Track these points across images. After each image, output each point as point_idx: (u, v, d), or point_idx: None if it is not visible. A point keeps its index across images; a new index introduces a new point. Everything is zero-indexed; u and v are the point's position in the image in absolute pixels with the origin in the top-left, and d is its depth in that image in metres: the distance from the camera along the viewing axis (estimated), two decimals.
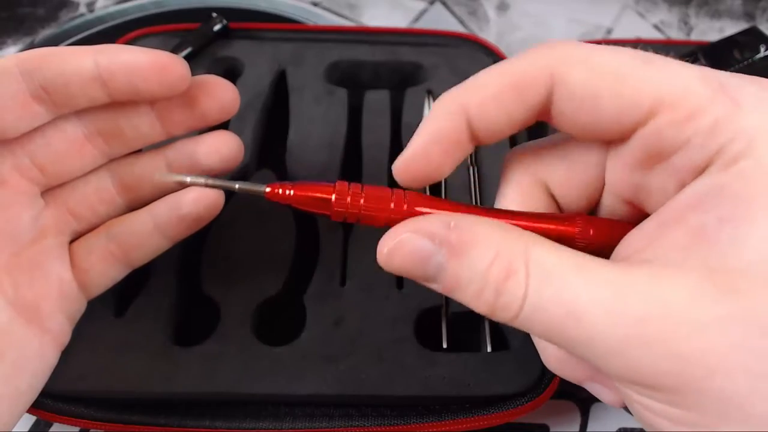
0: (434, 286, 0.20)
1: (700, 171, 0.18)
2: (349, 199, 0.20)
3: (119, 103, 0.26)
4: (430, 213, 0.20)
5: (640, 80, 0.19)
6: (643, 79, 0.19)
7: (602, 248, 0.21)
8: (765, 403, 0.16)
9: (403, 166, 0.21)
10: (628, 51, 0.20)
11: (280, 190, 0.21)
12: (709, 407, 0.16)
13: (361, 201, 0.20)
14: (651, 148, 0.19)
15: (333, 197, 0.20)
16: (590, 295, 0.17)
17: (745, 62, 0.40)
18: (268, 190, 0.21)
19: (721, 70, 0.19)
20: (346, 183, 0.21)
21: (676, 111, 0.18)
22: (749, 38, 0.41)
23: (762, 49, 0.41)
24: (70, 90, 0.25)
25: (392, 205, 0.20)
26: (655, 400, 0.17)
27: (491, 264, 0.18)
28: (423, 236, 0.19)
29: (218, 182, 0.22)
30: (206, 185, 0.23)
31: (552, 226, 0.21)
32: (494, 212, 0.21)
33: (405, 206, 0.20)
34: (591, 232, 0.21)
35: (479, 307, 0.19)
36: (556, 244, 0.19)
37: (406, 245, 0.19)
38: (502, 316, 0.19)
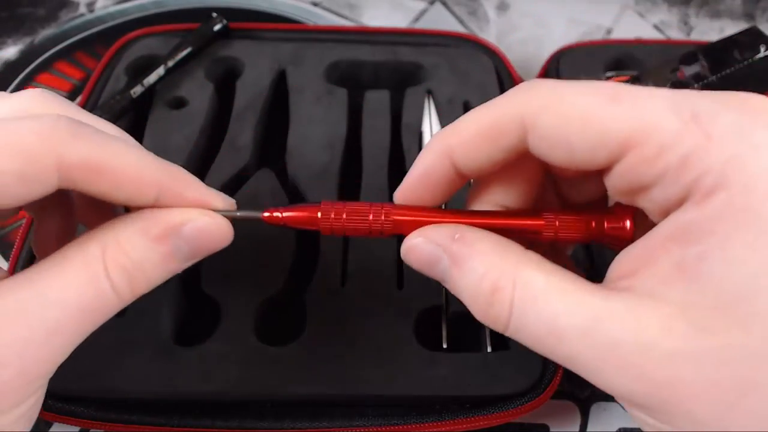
0: (446, 286, 0.22)
1: (680, 202, 0.18)
2: (333, 215, 0.22)
3: None
4: (411, 221, 0.22)
5: (607, 120, 0.19)
6: (610, 118, 0.19)
7: (571, 241, 0.24)
8: (734, 428, 0.17)
9: (402, 198, 0.23)
10: (596, 89, 0.20)
11: (276, 214, 0.23)
12: (684, 427, 0.17)
13: (344, 216, 0.22)
14: (629, 182, 0.20)
15: (319, 215, 0.22)
16: (569, 318, 0.18)
17: (745, 62, 0.40)
18: (266, 215, 0.23)
19: (698, 93, 0.19)
20: (330, 202, 0.23)
21: (645, 148, 0.18)
22: (749, 38, 0.41)
23: (762, 49, 0.41)
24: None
25: (371, 217, 0.22)
26: (646, 415, 0.18)
27: (482, 278, 0.20)
28: (431, 243, 0.21)
29: (226, 214, 0.23)
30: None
31: (519, 222, 0.22)
32: (463, 214, 0.22)
33: (382, 216, 0.22)
34: (557, 224, 0.22)
35: (476, 313, 0.21)
36: (549, 267, 0.20)
37: (417, 249, 0.22)
38: (495, 326, 0.20)
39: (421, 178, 0.23)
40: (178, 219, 0.22)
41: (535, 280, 0.19)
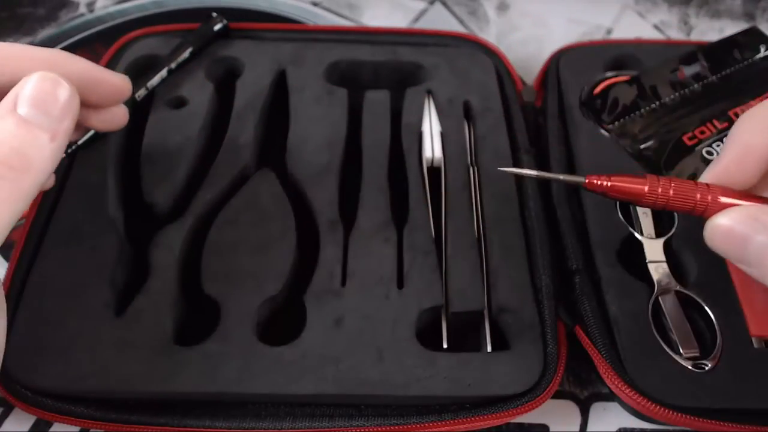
0: (751, 271, 0.21)
1: None
2: (660, 189, 0.23)
3: None
4: (735, 203, 0.22)
5: None
6: None
7: None
8: None
9: (716, 177, 0.23)
10: None
11: (597, 181, 0.24)
12: None
13: (670, 192, 0.23)
14: None
15: (646, 188, 0.23)
16: None
17: (745, 62, 0.40)
18: (586, 181, 0.24)
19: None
20: (656, 177, 0.23)
21: None
22: (749, 38, 0.41)
23: (762, 49, 0.41)
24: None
25: (698, 196, 0.23)
26: None
27: None
28: (746, 220, 0.21)
29: (544, 174, 0.26)
30: (536, 177, 0.27)
31: None
32: None
33: (709, 197, 0.22)
34: None
35: None
36: None
37: (725, 228, 0.21)
38: None
39: (743, 153, 0.23)
40: (19, 86, 0.24)
41: None
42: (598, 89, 0.41)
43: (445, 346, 0.31)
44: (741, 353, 0.31)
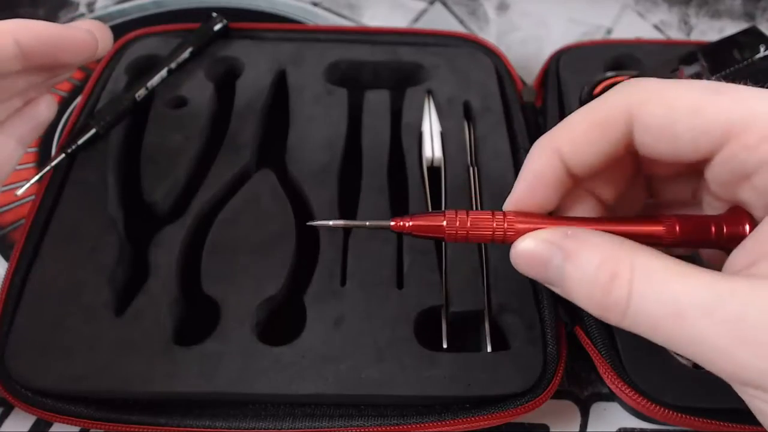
0: (555, 290, 0.22)
1: None
2: (458, 223, 0.23)
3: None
4: (531, 228, 0.23)
5: (710, 109, 0.20)
6: (714, 108, 0.20)
7: (690, 247, 0.24)
8: None
9: (514, 203, 0.24)
10: (698, 83, 0.21)
11: (401, 223, 0.24)
12: None
13: (468, 225, 0.23)
14: (731, 170, 0.21)
15: (444, 223, 0.24)
16: (690, 297, 0.18)
17: (745, 62, 0.40)
18: (392, 224, 0.24)
19: None
20: (454, 211, 0.24)
21: (747, 135, 0.20)
22: (749, 38, 0.41)
23: (762, 49, 0.41)
24: None
25: (494, 225, 0.23)
26: None
27: (598, 267, 0.20)
28: (543, 243, 0.22)
29: (350, 223, 0.27)
30: (343, 227, 0.28)
31: (639, 228, 0.23)
32: (580, 221, 0.23)
33: (505, 224, 0.23)
34: (677, 229, 0.22)
35: (591, 308, 0.21)
36: (662, 254, 0.20)
37: (528, 250, 0.22)
38: (611, 316, 0.20)
39: (533, 181, 0.23)
40: None
41: (654, 264, 0.20)
42: (598, 89, 0.41)
43: (445, 346, 0.31)
44: None
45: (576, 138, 0.23)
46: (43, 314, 0.31)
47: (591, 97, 0.39)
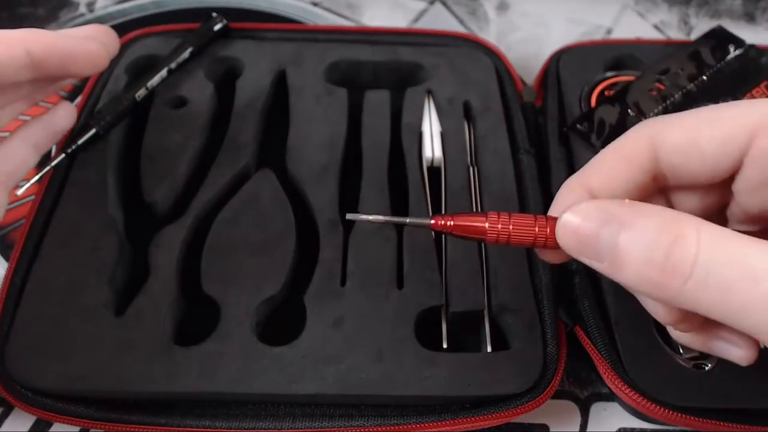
0: (599, 267, 0.21)
1: None
2: (500, 226, 0.24)
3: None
4: None
5: (728, 119, 0.21)
6: (731, 117, 0.21)
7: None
8: None
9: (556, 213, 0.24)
10: (709, 107, 0.22)
11: (442, 222, 0.24)
12: None
13: (510, 227, 0.23)
14: (762, 169, 0.21)
15: (486, 225, 0.24)
16: (765, 257, 0.18)
17: (719, 65, 0.40)
18: (432, 222, 0.24)
19: None
20: (496, 213, 0.24)
21: None
22: (716, 40, 0.41)
23: (731, 48, 0.40)
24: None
25: (537, 229, 0.23)
26: None
27: (660, 229, 0.19)
28: (594, 214, 0.21)
29: (390, 218, 0.27)
30: (384, 222, 0.27)
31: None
32: None
33: (548, 230, 0.23)
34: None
35: (647, 276, 0.19)
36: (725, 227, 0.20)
37: (573, 224, 0.21)
38: (671, 283, 0.19)
39: (576, 198, 0.24)
40: None
41: (720, 230, 0.19)
42: (598, 89, 0.41)
43: (445, 346, 0.31)
44: None
45: (604, 172, 0.23)
46: (43, 314, 0.31)
47: (577, 122, 0.39)
